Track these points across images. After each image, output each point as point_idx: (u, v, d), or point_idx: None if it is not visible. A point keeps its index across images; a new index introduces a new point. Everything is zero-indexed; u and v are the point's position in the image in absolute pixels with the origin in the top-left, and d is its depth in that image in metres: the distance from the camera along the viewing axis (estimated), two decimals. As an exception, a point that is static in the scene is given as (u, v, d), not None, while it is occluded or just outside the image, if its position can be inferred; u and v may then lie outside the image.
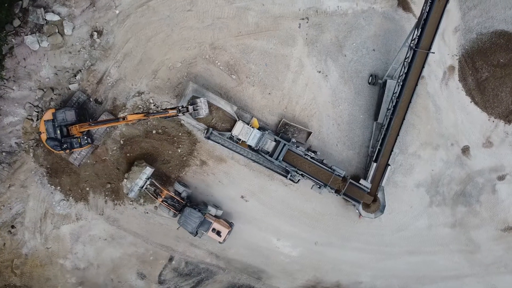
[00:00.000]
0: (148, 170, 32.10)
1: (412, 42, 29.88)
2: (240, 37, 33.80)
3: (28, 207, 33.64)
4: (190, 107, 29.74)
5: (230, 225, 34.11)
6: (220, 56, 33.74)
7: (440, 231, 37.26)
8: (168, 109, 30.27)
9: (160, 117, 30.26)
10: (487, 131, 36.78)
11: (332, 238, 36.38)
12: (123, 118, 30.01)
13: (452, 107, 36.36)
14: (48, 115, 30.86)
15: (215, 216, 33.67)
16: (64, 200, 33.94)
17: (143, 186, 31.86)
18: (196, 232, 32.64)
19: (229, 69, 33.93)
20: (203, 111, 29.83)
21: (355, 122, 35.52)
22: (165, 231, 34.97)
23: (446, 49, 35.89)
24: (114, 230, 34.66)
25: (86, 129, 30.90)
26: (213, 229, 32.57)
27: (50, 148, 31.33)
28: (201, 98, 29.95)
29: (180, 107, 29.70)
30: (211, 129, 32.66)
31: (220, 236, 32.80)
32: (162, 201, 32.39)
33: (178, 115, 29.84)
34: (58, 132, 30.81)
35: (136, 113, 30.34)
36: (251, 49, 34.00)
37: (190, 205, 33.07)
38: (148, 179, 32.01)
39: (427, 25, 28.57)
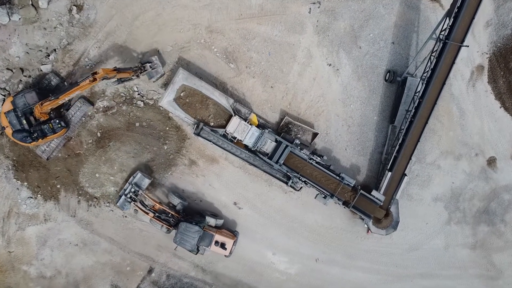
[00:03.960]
0: (138, 175, 28.88)
1: (442, 33, 25.88)
2: (241, 20, 30.05)
3: (-11, 204, 29.89)
4: (147, 65, 27.99)
5: (235, 234, 30.43)
6: (217, 41, 29.98)
7: (458, 253, 33.96)
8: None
9: (114, 81, 26.39)
10: (517, 141, 33.37)
11: (335, 255, 32.80)
12: (77, 83, 25.44)
13: (478, 112, 32.84)
14: (7, 106, 26.76)
15: (215, 227, 29.77)
16: (31, 198, 30.08)
17: (128, 193, 28.72)
18: (198, 249, 28.82)
19: (227, 56, 30.09)
20: (160, 68, 28.50)
21: (367, 124, 31.81)
22: (145, 239, 30.99)
23: (475, 45, 32.11)
24: (86, 235, 30.79)
25: (49, 106, 26.59)
26: (216, 242, 28.75)
27: (20, 142, 27.29)
28: (155, 56, 28.48)
29: (134, 67, 27.33)
30: (201, 124, 28.50)
31: (225, 249, 29.05)
32: (154, 216, 28.77)
33: (136, 76, 27.52)
34: (24, 121, 26.82)
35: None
36: (253, 35, 30.20)
37: (185, 219, 29.17)
38: (133, 184, 28.65)
39: (462, 13, 24.54)
